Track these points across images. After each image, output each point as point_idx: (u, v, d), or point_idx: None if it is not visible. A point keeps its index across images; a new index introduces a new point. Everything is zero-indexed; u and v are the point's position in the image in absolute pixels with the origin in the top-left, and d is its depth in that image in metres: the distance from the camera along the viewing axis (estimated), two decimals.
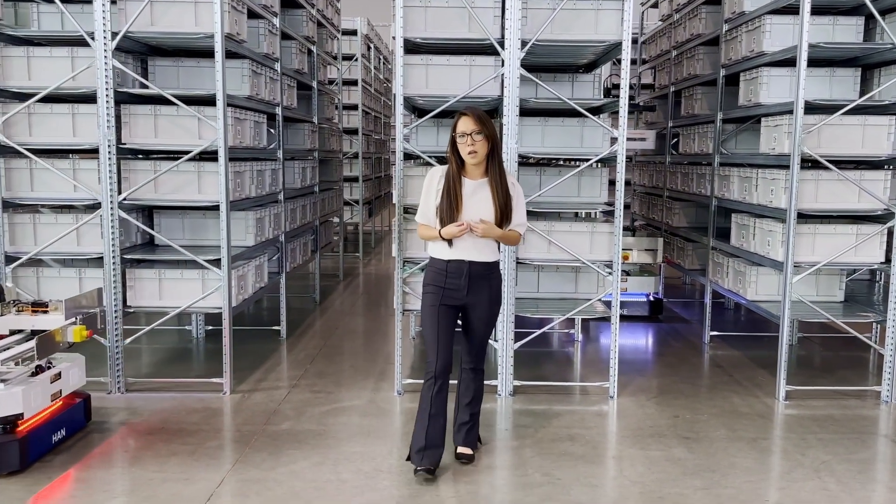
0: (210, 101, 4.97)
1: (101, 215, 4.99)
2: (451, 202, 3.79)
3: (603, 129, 5.12)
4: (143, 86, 5.10)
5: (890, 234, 5.19)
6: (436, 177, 3.89)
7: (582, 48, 5.04)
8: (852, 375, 5.77)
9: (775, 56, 5.34)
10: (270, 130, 6.29)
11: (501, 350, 5.09)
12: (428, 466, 3.78)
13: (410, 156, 5.16)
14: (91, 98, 4.92)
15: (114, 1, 4.89)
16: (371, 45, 12.61)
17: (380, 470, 3.98)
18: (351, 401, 5.06)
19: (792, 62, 5.04)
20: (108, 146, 4.91)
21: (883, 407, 5.05)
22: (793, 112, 4.93)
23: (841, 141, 5.04)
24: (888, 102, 5.17)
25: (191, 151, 5.00)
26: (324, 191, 8.35)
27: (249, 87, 5.47)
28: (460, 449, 4.06)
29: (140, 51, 5.34)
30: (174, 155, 5.22)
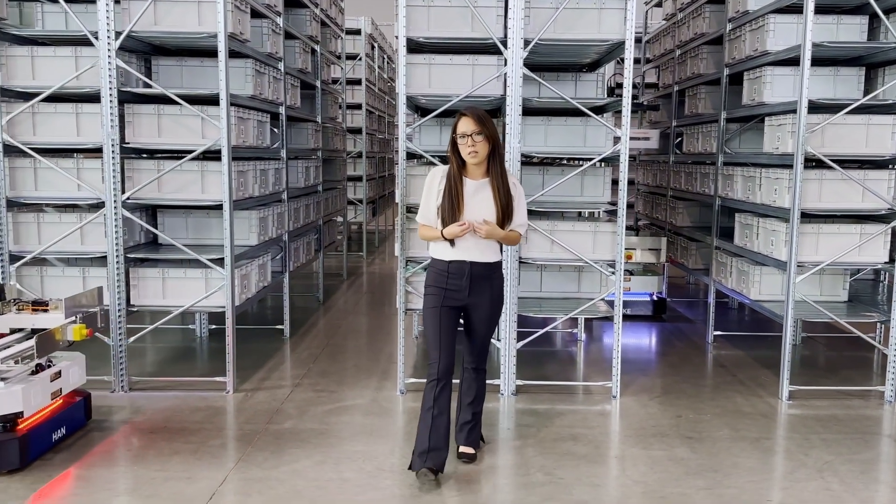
0: (213, 100, 4.98)
1: (104, 214, 5.01)
2: (453, 202, 3.78)
3: (606, 128, 5.12)
4: (146, 85, 5.11)
5: (894, 233, 5.18)
6: (437, 177, 3.88)
7: (585, 47, 5.04)
8: (856, 375, 5.76)
9: (779, 55, 5.33)
10: (274, 130, 6.30)
11: (504, 349, 5.09)
12: (432, 467, 3.74)
13: (413, 155, 5.16)
14: (95, 97, 4.94)
15: (117, 0, 4.90)
16: (375, 45, 12.61)
17: (382, 469, 3.98)
18: (353, 400, 5.07)
19: (796, 61, 5.03)
20: (112, 145, 4.93)
21: (886, 407, 5.04)
22: (796, 111, 4.93)
23: (845, 140, 5.03)
24: (892, 102, 5.16)
25: (194, 151, 5.01)
26: (327, 190, 8.36)
27: (253, 86, 5.48)
28: (462, 448, 4.06)
29: (144, 50, 5.35)
30: (178, 154, 5.23)
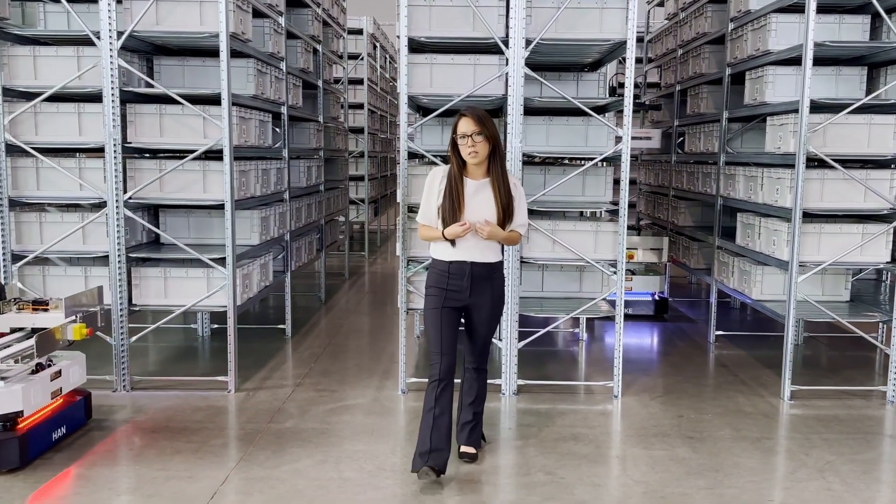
0: (215, 100, 4.99)
1: (106, 214, 5.02)
2: (454, 202, 3.77)
3: (608, 128, 5.11)
4: (148, 85, 5.12)
5: None
6: (437, 177, 3.87)
7: (586, 47, 5.03)
8: (858, 375, 5.75)
9: (781, 55, 5.32)
10: (276, 129, 6.31)
11: (505, 349, 5.09)
12: (433, 466, 3.73)
13: (415, 155, 5.16)
14: (97, 97, 4.95)
15: (119, 0, 4.91)
16: (377, 44, 12.61)
17: (382, 469, 3.98)
18: (355, 399, 5.07)
19: (798, 61, 5.02)
20: (114, 145, 4.93)
21: (888, 407, 5.03)
22: (798, 111, 4.92)
23: (847, 140, 5.02)
24: (894, 101, 5.15)
25: (196, 150, 5.01)
26: (329, 190, 8.37)
27: (254, 86, 5.48)
28: (463, 448, 4.06)
29: (145, 50, 5.36)
30: (179, 154, 5.24)
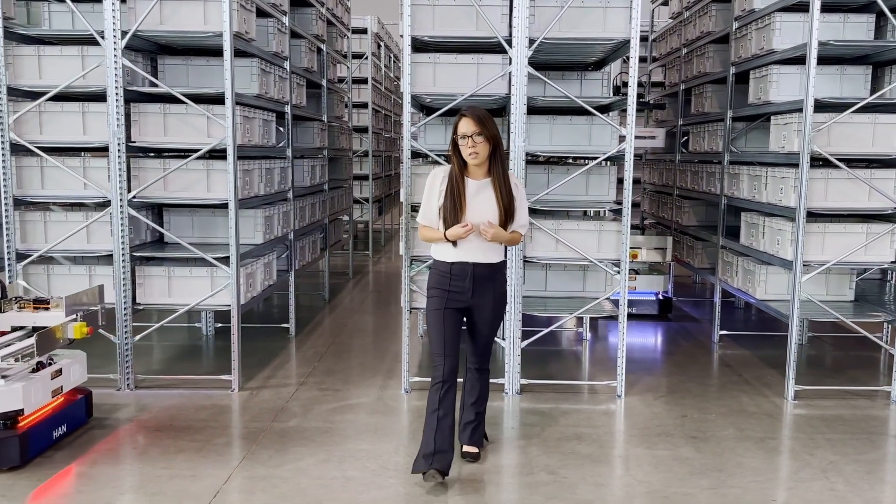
0: (219, 99, 4.99)
1: (110, 213, 5.03)
2: (455, 203, 3.76)
3: (611, 127, 5.11)
4: (152, 84, 5.13)
5: None
6: (438, 177, 3.86)
7: (590, 46, 5.03)
8: (862, 375, 5.73)
9: (785, 54, 5.31)
10: (279, 129, 6.32)
11: (509, 348, 5.09)
12: (439, 468, 3.71)
13: (418, 154, 5.16)
14: (101, 96, 4.96)
15: (123, 0, 4.92)
16: (381, 44, 12.61)
17: (386, 468, 3.99)
18: (358, 398, 5.08)
19: (802, 60, 5.01)
20: (118, 144, 4.94)
21: (893, 407, 5.02)
22: (802, 110, 4.91)
23: (851, 139, 5.01)
24: None
25: (200, 150, 5.02)
26: (333, 189, 8.38)
27: (258, 85, 5.49)
28: (466, 447, 4.06)
29: (150, 49, 5.37)
30: (183, 153, 5.24)
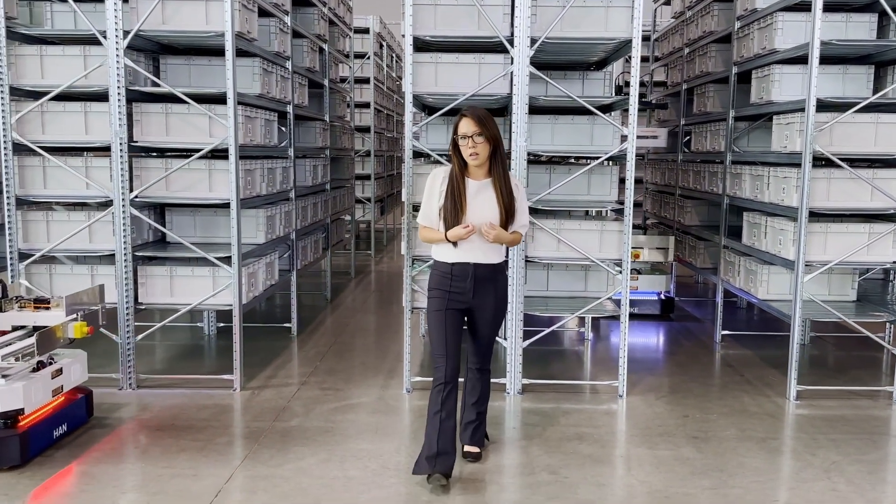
0: (221, 99, 5.00)
1: (112, 212, 5.04)
2: (456, 203, 3.74)
3: (613, 126, 5.10)
4: (154, 84, 5.14)
5: None
6: (438, 178, 3.84)
7: (592, 46, 5.03)
8: (864, 375, 5.72)
9: (787, 53, 5.30)
10: (282, 128, 6.32)
11: (510, 348, 5.09)
12: (442, 471, 3.69)
13: (420, 154, 5.16)
14: (103, 96, 4.97)
15: (125, 0, 4.93)
16: (383, 43, 12.61)
17: (387, 467, 3.99)
18: (360, 398, 5.08)
19: (804, 59, 5.00)
20: (120, 144, 4.95)
21: (895, 407, 5.01)
22: (805, 110, 4.90)
23: (853, 139, 5.00)
24: None
25: (202, 149, 5.03)
26: (335, 188, 8.38)
27: (260, 85, 5.50)
28: (467, 447, 4.06)
29: (152, 49, 5.38)
30: (185, 153, 5.25)
